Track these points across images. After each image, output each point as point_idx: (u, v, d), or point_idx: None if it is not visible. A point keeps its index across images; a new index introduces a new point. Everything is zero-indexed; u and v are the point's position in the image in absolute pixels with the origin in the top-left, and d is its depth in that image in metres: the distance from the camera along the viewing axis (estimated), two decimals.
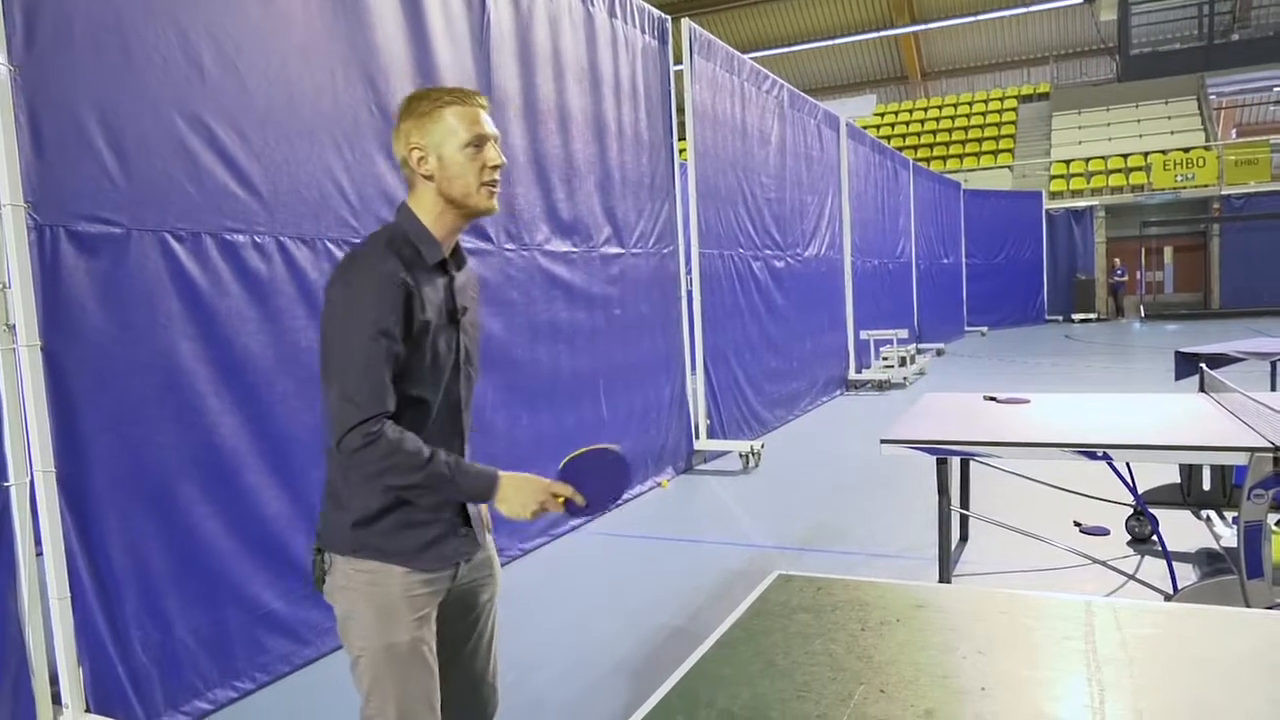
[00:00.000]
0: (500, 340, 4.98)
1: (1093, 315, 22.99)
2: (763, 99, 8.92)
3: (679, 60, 7.11)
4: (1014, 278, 22.32)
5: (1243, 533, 3.05)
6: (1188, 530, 4.52)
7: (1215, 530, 4.23)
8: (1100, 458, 3.23)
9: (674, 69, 7.06)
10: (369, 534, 1.75)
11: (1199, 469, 4.17)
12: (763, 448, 7.22)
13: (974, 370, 13.12)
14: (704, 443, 7.20)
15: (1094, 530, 4.93)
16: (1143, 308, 23.69)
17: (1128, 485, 3.79)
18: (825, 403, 10.39)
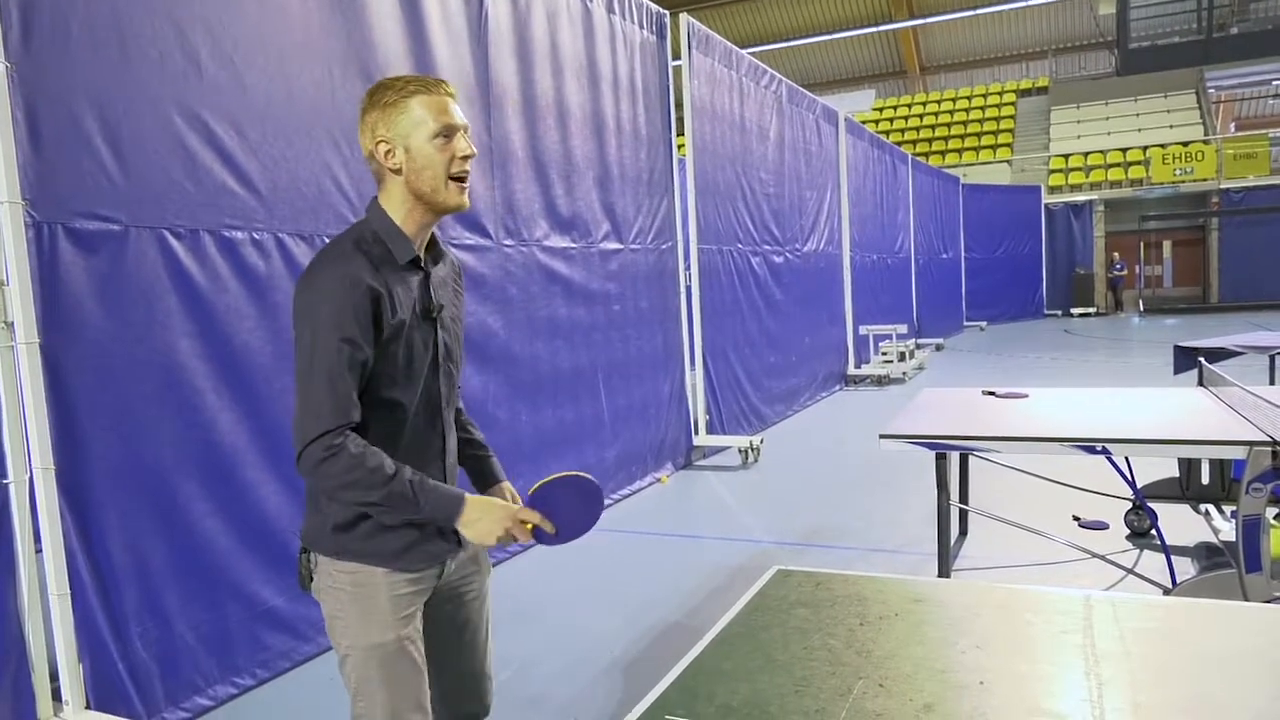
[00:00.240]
0: (500, 336, 4.98)
1: (1092, 310, 22.99)
2: (761, 94, 8.91)
3: (677, 55, 7.09)
4: (1013, 272, 22.31)
5: (1241, 527, 3.05)
6: (1186, 524, 4.53)
7: (1214, 524, 4.24)
8: (1099, 452, 3.23)
9: (672, 64, 7.05)
10: (349, 537, 1.73)
11: (1198, 463, 4.18)
12: (762, 443, 7.23)
13: (973, 365, 13.13)
14: (703, 438, 7.21)
15: (1093, 525, 4.94)
16: (1142, 302, 23.70)
17: (1126, 480, 3.80)
18: (824, 398, 10.40)
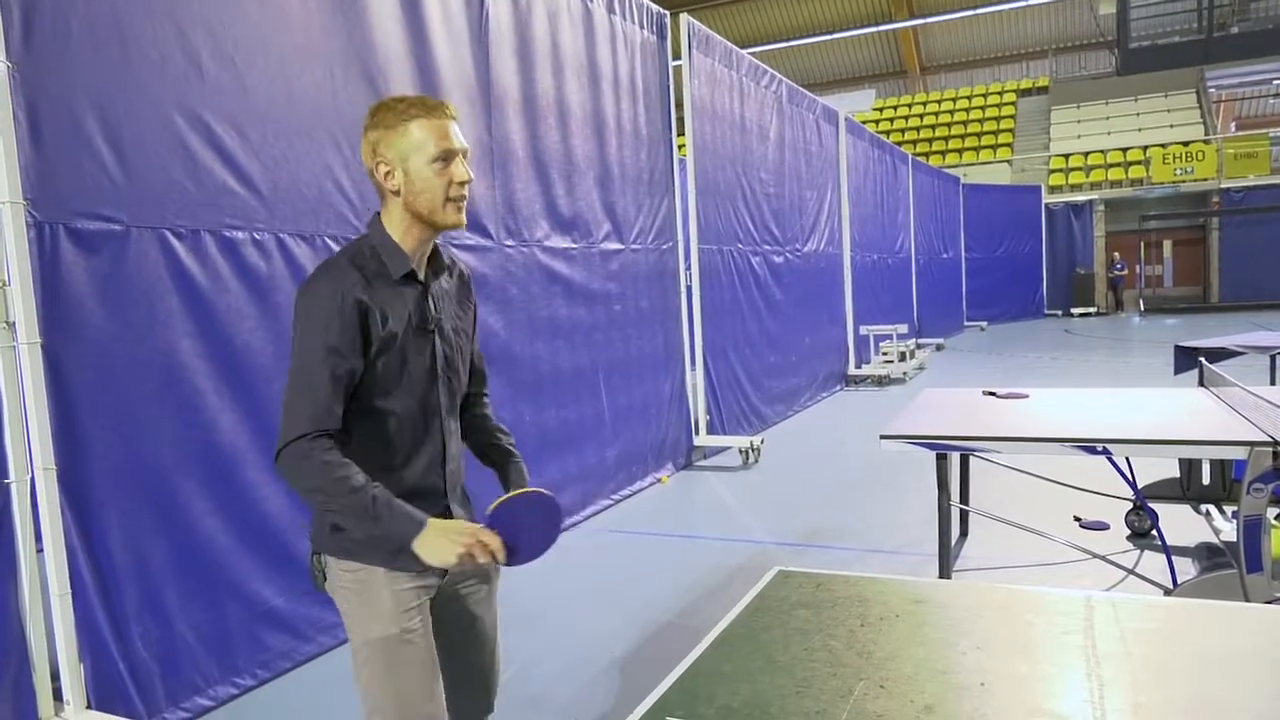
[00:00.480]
0: (500, 336, 4.98)
1: (1092, 309, 22.98)
2: (761, 94, 8.91)
3: (678, 55, 7.09)
4: (1013, 272, 22.30)
5: (1242, 527, 3.05)
6: (1187, 525, 4.53)
7: (1215, 525, 4.24)
8: (1100, 452, 3.23)
9: (673, 64, 7.05)
10: (345, 536, 1.79)
11: (1198, 463, 4.17)
12: (762, 443, 7.22)
13: (973, 365, 13.13)
14: (704, 438, 7.21)
15: (1093, 525, 4.94)
16: (1142, 302, 23.69)
17: (1127, 480, 3.80)
18: (825, 398, 10.40)
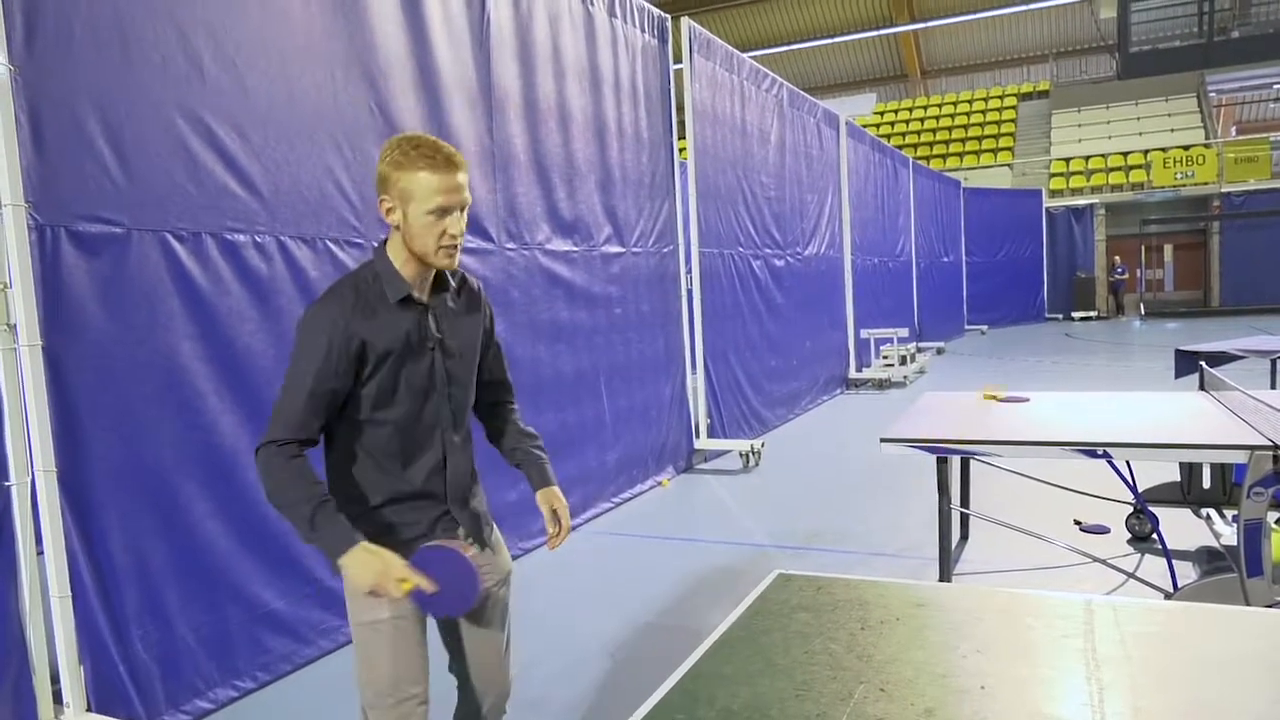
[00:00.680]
0: (502, 340, 4.97)
1: (1093, 313, 22.98)
2: (762, 98, 8.92)
3: (679, 59, 7.11)
4: (1014, 276, 22.31)
5: (1243, 531, 3.05)
6: (1188, 528, 4.52)
7: (1215, 528, 4.23)
8: (1100, 456, 3.23)
9: (674, 68, 7.06)
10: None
11: (1199, 467, 4.17)
12: (763, 446, 7.22)
13: (974, 369, 13.13)
14: (704, 442, 7.21)
15: (1094, 529, 4.94)
16: (1143, 306, 23.68)
17: (1128, 484, 3.79)
18: (825, 401, 10.40)
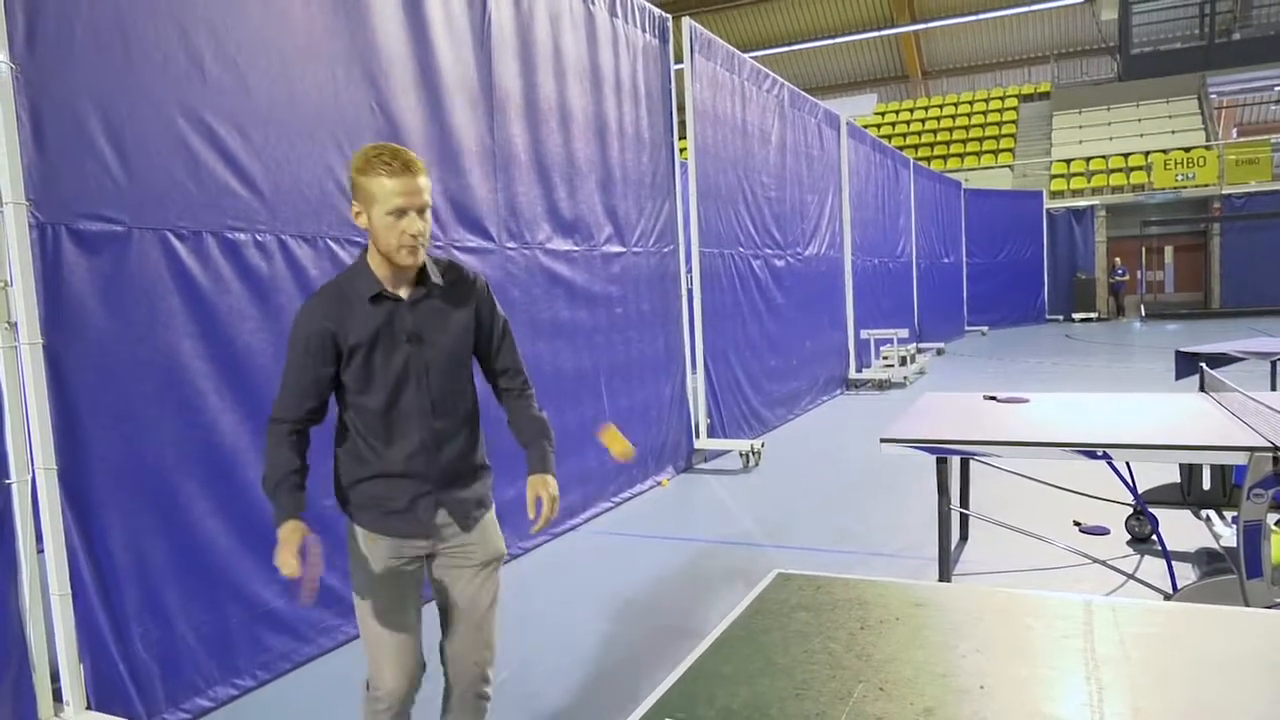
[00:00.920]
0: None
1: (1093, 315, 22.98)
2: (763, 98, 8.92)
3: (680, 59, 7.11)
4: (1014, 277, 22.31)
5: (1242, 532, 3.05)
6: (1187, 530, 4.53)
7: (1215, 530, 4.24)
8: (1100, 457, 3.23)
9: (675, 68, 7.06)
10: (344, 499, 2.20)
11: (1199, 468, 4.17)
12: (763, 446, 7.22)
13: (974, 369, 13.13)
14: (704, 441, 7.21)
15: (1094, 530, 4.94)
16: (1143, 307, 23.68)
17: (1127, 485, 3.80)
18: (825, 402, 10.40)
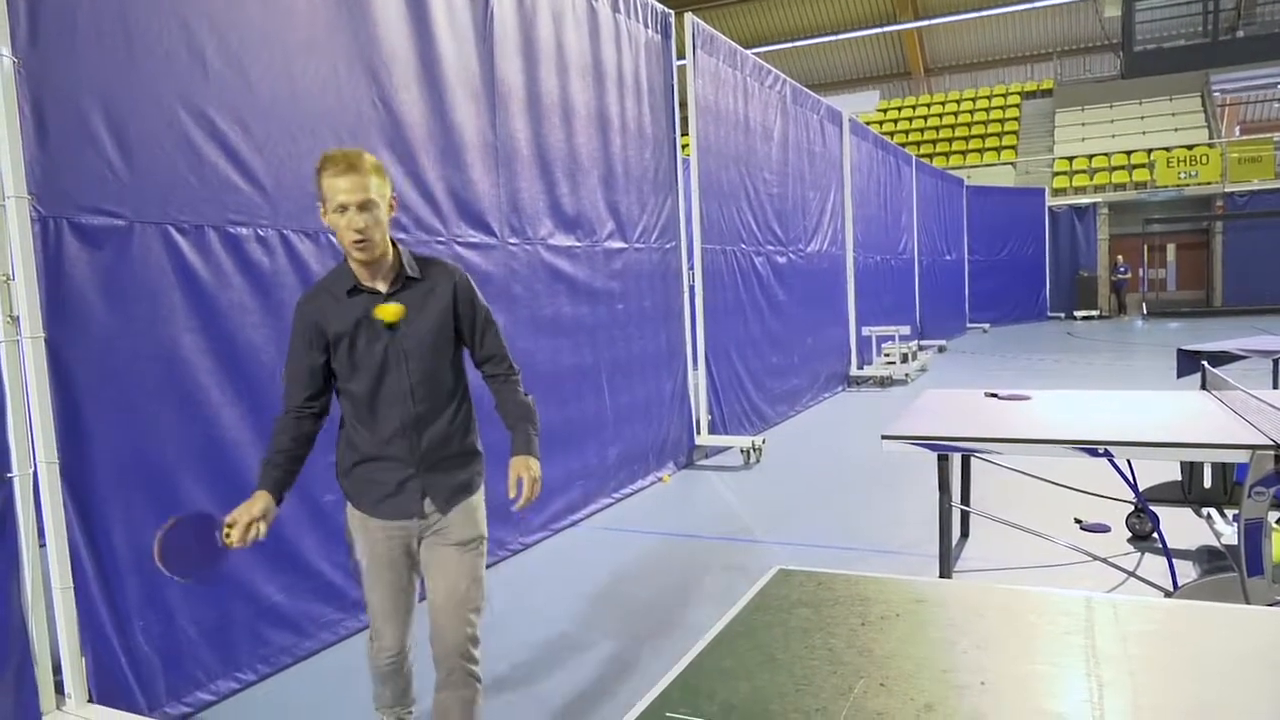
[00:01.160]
0: (504, 334, 4.97)
1: (1095, 312, 22.96)
2: (765, 94, 8.91)
3: (682, 55, 7.10)
4: (1016, 275, 22.29)
5: (1243, 530, 3.05)
6: (1188, 528, 4.52)
7: (1216, 528, 4.23)
8: (1101, 455, 3.23)
9: (677, 64, 7.05)
10: (342, 482, 2.40)
11: (1200, 466, 4.17)
12: (764, 443, 7.23)
13: (976, 367, 13.12)
14: (705, 438, 7.21)
15: (1095, 527, 4.94)
16: (1145, 305, 23.65)
17: (1129, 482, 3.80)
18: (827, 399, 10.40)
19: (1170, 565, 3.76)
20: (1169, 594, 3.63)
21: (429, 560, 2.39)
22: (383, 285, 2.29)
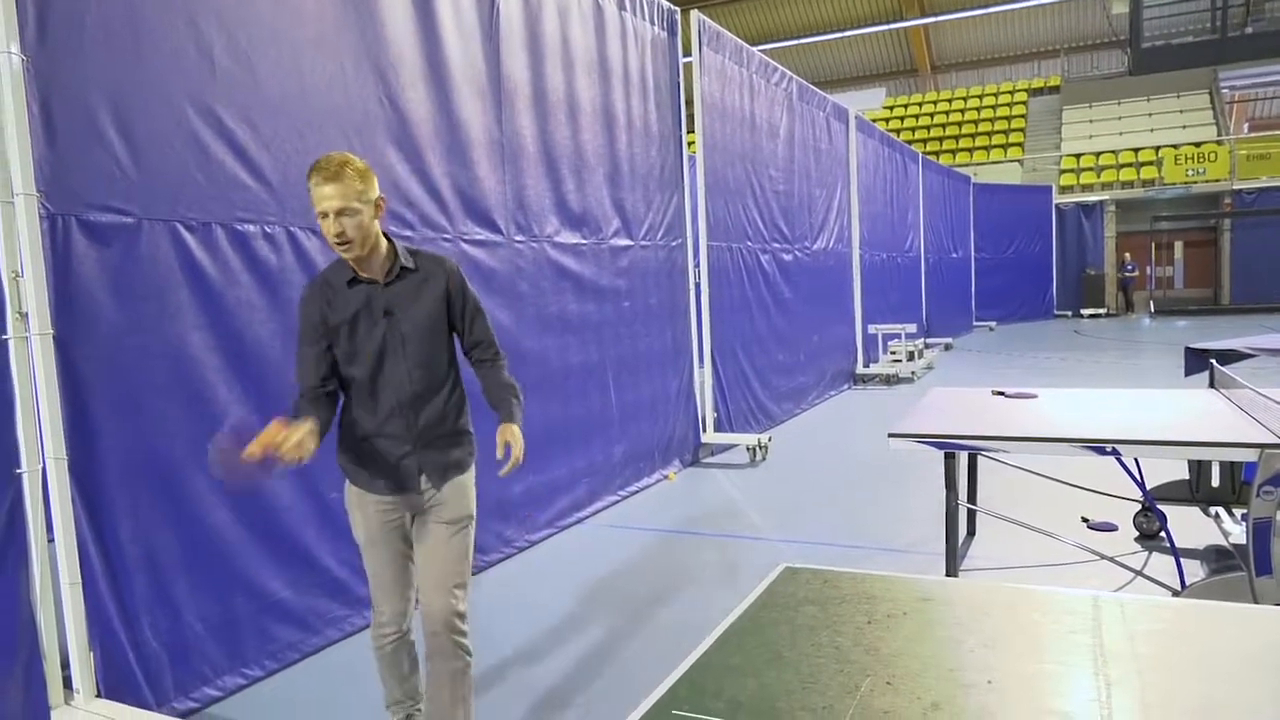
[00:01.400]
0: (510, 331, 4.98)
1: (1102, 310, 22.89)
2: (771, 91, 8.90)
3: (688, 52, 7.08)
4: (1023, 272, 22.22)
5: (1252, 530, 3.04)
6: (1196, 527, 4.51)
7: (1224, 527, 4.22)
8: (1109, 453, 3.22)
9: (683, 61, 7.04)
10: (342, 460, 2.52)
11: (1208, 465, 4.16)
12: (770, 441, 7.22)
13: (982, 365, 13.09)
14: (711, 436, 7.21)
15: (1102, 526, 4.92)
16: (1152, 303, 23.56)
17: (1136, 481, 3.79)
18: (833, 396, 10.39)
19: (1178, 564, 3.75)
20: (1177, 593, 3.62)
21: (420, 535, 2.52)
22: (381, 275, 2.43)
